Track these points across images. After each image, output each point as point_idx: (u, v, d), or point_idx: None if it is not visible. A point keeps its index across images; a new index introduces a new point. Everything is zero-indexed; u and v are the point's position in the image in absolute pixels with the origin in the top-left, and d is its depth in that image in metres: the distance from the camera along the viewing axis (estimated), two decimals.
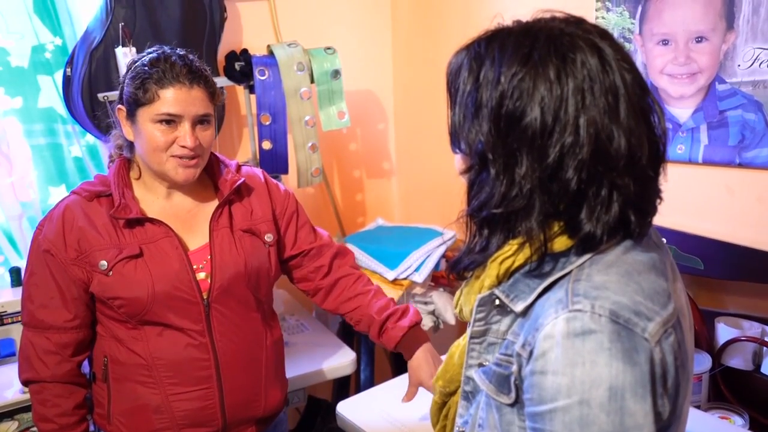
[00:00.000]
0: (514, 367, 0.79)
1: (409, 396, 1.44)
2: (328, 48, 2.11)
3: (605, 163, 0.75)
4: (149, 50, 1.36)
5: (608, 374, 0.71)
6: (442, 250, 2.08)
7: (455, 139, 0.85)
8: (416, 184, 2.72)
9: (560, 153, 0.75)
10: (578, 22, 0.80)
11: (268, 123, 2.02)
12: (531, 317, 0.79)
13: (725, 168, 1.64)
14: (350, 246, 2.14)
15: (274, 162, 2.07)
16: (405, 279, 2.02)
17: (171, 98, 1.29)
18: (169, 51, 1.35)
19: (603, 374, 0.71)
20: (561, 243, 0.79)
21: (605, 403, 0.71)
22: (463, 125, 0.82)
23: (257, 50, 2.12)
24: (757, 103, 1.55)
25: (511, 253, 0.81)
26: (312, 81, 2.09)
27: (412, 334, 1.46)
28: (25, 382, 1.40)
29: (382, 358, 2.65)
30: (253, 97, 2.10)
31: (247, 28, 2.28)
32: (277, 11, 2.32)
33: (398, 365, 2.43)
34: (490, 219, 0.81)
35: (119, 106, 1.35)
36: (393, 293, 2.02)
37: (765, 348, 1.51)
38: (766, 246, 1.57)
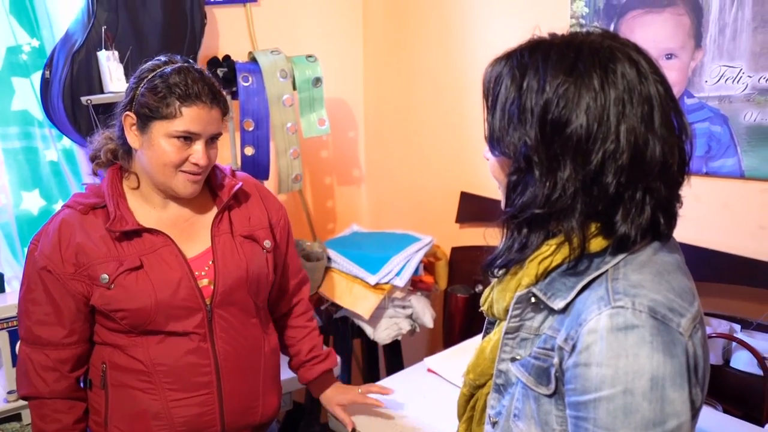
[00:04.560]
0: (555, 360, 0.85)
1: (347, 421, 1.55)
2: (310, 56, 2.14)
3: (641, 169, 0.82)
4: (160, 58, 1.34)
5: (650, 365, 0.77)
6: (420, 254, 2.13)
7: (494, 143, 0.90)
8: (385, 191, 2.77)
9: (602, 159, 0.81)
10: (613, 37, 0.86)
11: (251, 129, 2.03)
12: (571, 314, 0.84)
13: (692, 177, 1.75)
14: (330, 251, 2.17)
15: (256, 168, 2.08)
16: (386, 283, 2.06)
17: (193, 117, 1.28)
18: (188, 66, 1.32)
19: (645, 365, 0.77)
20: (597, 244, 0.85)
21: (647, 392, 0.77)
22: (506, 130, 0.87)
23: (234, 56, 2.13)
24: (722, 116, 1.68)
25: (549, 253, 0.86)
26: (294, 88, 2.11)
27: (324, 377, 1.62)
28: (25, 398, 1.38)
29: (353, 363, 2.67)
30: (234, 103, 2.10)
31: (223, 35, 2.28)
32: (254, 19, 2.33)
33: (371, 369, 2.46)
34: (531, 219, 0.86)
35: (127, 112, 1.31)
36: (374, 297, 2.06)
37: (733, 344, 1.62)
38: (730, 249, 1.69)
